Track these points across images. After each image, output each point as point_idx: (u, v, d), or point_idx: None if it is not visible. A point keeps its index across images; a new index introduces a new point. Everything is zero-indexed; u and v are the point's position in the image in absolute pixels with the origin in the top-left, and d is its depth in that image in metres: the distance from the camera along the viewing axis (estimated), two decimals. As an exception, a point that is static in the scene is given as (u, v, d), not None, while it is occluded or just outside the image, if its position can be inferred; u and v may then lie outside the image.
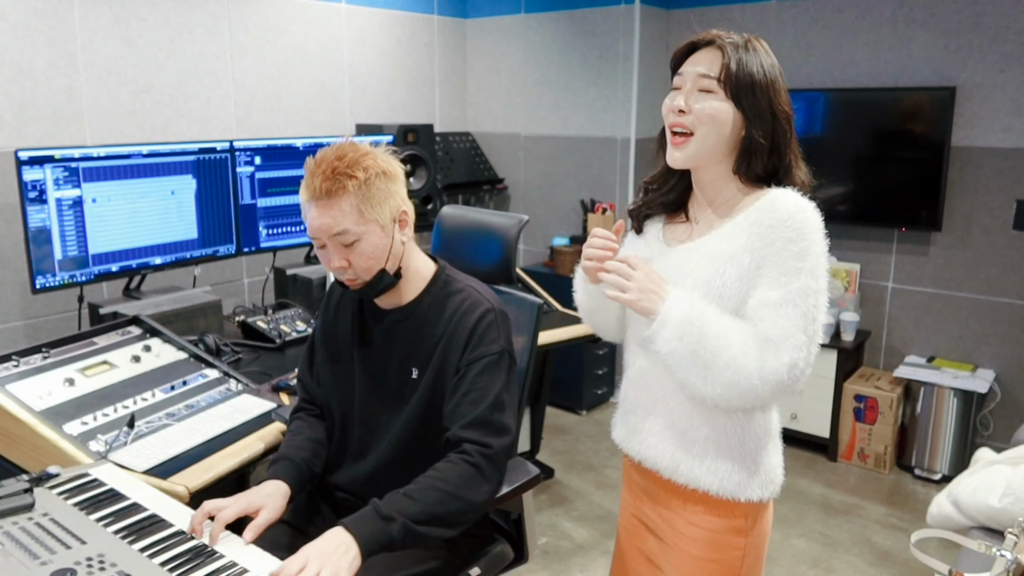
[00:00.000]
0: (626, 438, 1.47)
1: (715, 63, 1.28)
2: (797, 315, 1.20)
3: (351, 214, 1.44)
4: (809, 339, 1.21)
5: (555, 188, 4.37)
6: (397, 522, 1.32)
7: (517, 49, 4.38)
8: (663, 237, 1.41)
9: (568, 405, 4.12)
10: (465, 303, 1.53)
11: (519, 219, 1.92)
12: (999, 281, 3.38)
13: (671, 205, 1.43)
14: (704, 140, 1.29)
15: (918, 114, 3.39)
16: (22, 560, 1.18)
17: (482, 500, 1.43)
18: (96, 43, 2.90)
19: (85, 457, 1.63)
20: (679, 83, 1.32)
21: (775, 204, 1.25)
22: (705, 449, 1.33)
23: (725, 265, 1.26)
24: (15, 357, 1.87)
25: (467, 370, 1.48)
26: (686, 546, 1.38)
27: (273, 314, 2.69)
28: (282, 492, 1.46)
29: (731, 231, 1.29)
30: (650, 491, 1.44)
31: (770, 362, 1.20)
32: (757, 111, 1.27)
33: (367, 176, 1.44)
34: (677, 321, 1.23)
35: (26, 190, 2.27)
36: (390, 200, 1.48)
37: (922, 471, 3.43)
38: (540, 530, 2.97)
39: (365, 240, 1.46)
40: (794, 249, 1.22)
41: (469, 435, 1.44)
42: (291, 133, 3.60)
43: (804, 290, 1.21)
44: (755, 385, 1.20)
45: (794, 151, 1.33)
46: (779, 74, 1.31)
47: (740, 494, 1.32)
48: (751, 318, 1.24)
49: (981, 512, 2.01)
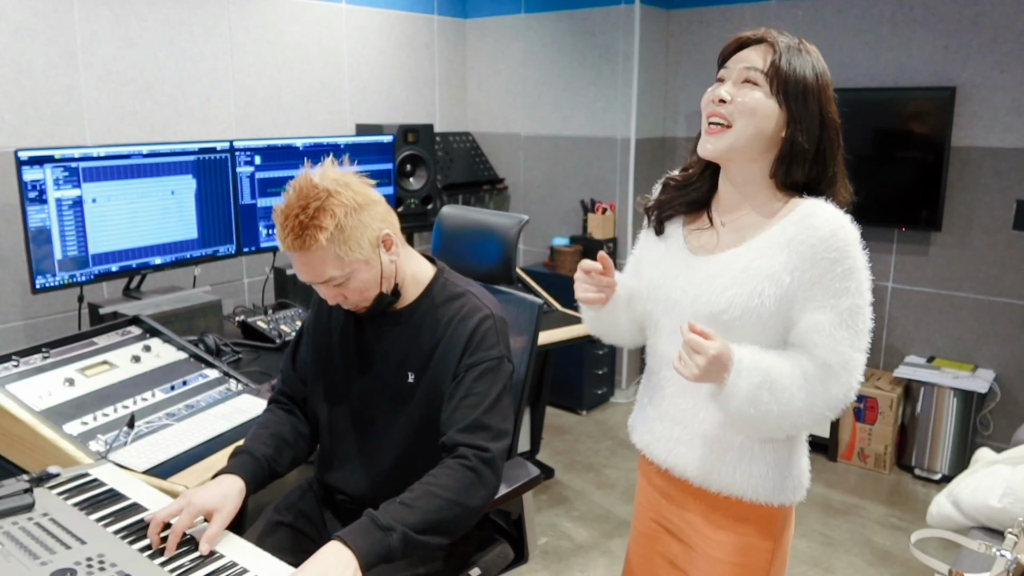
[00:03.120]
0: (650, 444, 1.42)
1: (764, 58, 1.24)
2: (851, 336, 1.20)
3: (332, 262, 1.41)
4: (863, 354, 1.22)
5: (555, 188, 4.37)
6: (396, 532, 1.28)
7: (517, 49, 4.38)
8: (686, 243, 1.35)
9: (568, 405, 4.12)
10: (464, 308, 1.52)
11: (519, 219, 1.92)
12: (999, 281, 3.38)
13: (694, 205, 1.37)
14: (741, 133, 1.23)
15: (918, 114, 3.39)
16: (22, 560, 1.18)
17: (479, 505, 1.40)
18: (96, 43, 2.90)
19: (85, 457, 1.62)
20: (724, 75, 1.27)
21: (814, 222, 1.21)
22: (740, 456, 1.30)
23: (763, 284, 1.22)
24: (15, 357, 1.87)
25: (465, 375, 1.47)
26: (713, 550, 1.36)
27: (273, 314, 2.69)
28: (237, 490, 1.39)
29: (768, 246, 1.23)
30: (673, 496, 1.42)
31: (834, 391, 1.20)
32: (805, 114, 1.23)
33: (336, 222, 1.38)
34: (746, 391, 1.17)
35: (26, 190, 2.27)
36: (367, 233, 1.43)
37: (922, 471, 3.43)
38: (540, 530, 2.97)
39: (354, 278, 1.44)
40: (839, 270, 1.19)
41: (466, 439, 1.42)
42: (291, 133, 3.60)
43: (853, 309, 1.20)
44: (826, 416, 1.21)
45: (839, 164, 1.28)
46: (830, 82, 1.26)
47: (773, 499, 1.31)
48: (804, 343, 1.21)
49: (981, 512, 2.01)
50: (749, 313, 1.22)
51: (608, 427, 3.94)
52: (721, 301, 1.24)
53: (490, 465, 1.41)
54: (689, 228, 1.37)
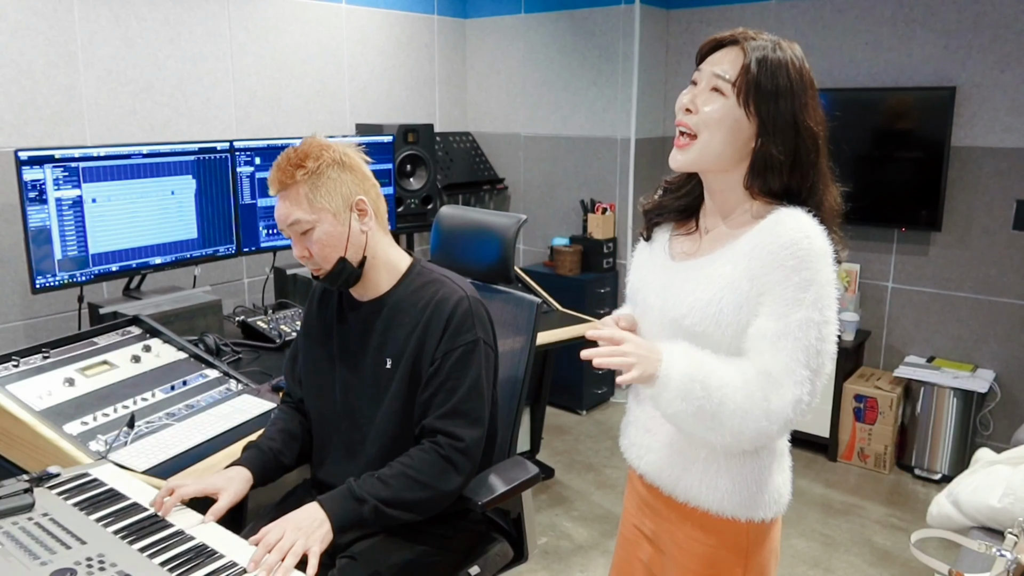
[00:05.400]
0: (627, 449, 1.43)
1: (734, 64, 1.18)
2: (797, 349, 1.13)
3: (302, 203, 1.50)
4: (813, 373, 1.14)
5: (555, 188, 4.37)
6: (369, 504, 1.41)
7: (517, 49, 4.38)
8: (669, 249, 1.34)
9: (568, 405, 4.12)
10: (439, 293, 1.55)
11: (517, 218, 1.92)
12: (999, 281, 3.38)
13: (685, 212, 1.35)
14: (707, 146, 1.20)
15: (918, 114, 3.39)
16: (22, 560, 1.18)
17: (453, 489, 1.49)
18: (96, 43, 2.90)
19: (85, 457, 1.63)
20: (696, 78, 1.23)
21: (779, 229, 1.16)
22: (705, 468, 1.28)
23: (723, 291, 1.19)
24: (15, 357, 1.87)
25: (442, 360, 1.51)
26: (685, 560, 1.35)
27: (273, 314, 2.69)
28: (243, 477, 1.51)
29: (734, 254, 1.21)
30: (651, 504, 1.42)
31: (774, 401, 1.14)
32: (777, 122, 1.17)
33: (317, 165, 1.49)
34: (678, 382, 1.14)
35: (26, 190, 2.27)
36: (342, 188, 1.51)
37: (922, 471, 3.43)
38: (540, 530, 2.97)
39: (318, 228, 1.50)
40: (796, 279, 1.14)
41: (442, 426, 1.49)
42: (291, 133, 3.59)
43: (805, 323, 1.14)
44: (763, 427, 1.14)
45: (822, 171, 1.23)
46: (810, 85, 1.20)
47: (740, 514, 1.27)
48: (750, 350, 1.18)
49: (981, 512, 2.01)
50: (708, 319, 1.20)
51: (608, 427, 3.94)
52: (683, 307, 1.23)
53: (464, 454, 1.49)
54: (675, 234, 1.36)
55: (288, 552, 1.27)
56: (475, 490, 1.56)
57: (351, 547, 1.49)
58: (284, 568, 1.24)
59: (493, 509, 1.76)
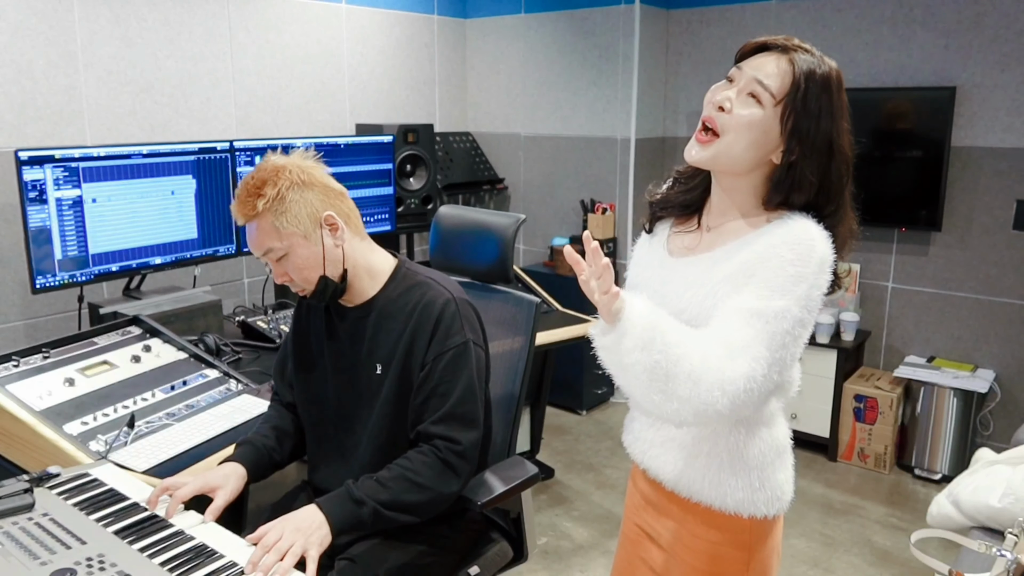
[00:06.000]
0: (631, 445, 1.43)
1: (783, 76, 1.15)
2: (766, 332, 1.11)
3: (270, 232, 1.48)
4: (771, 357, 1.11)
5: (555, 188, 4.37)
6: (368, 506, 1.41)
7: (517, 49, 4.38)
8: (667, 245, 1.34)
9: (568, 405, 4.12)
10: (426, 296, 1.54)
11: (516, 218, 1.92)
12: (999, 281, 3.38)
13: (688, 207, 1.34)
14: (729, 148, 1.18)
15: (918, 114, 3.39)
16: (22, 560, 1.18)
17: (452, 491, 1.49)
18: (96, 43, 2.90)
19: (85, 457, 1.63)
20: (734, 76, 1.20)
21: (783, 228, 1.16)
22: (708, 464, 1.28)
23: (720, 285, 1.18)
24: (15, 357, 1.87)
25: (433, 364, 1.50)
26: (689, 558, 1.35)
27: (273, 314, 2.69)
28: (239, 474, 1.51)
29: (736, 253, 1.20)
30: (654, 501, 1.41)
31: (728, 371, 1.09)
32: (815, 143, 1.15)
33: (277, 191, 1.46)
34: (641, 329, 1.09)
35: (26, 190, 2.28)
36: (307, 209, 1.48)
37: (922, 471, 3.43)
38: (540, 530, 2.97)
39: (293, 253, 1.50)
40: (791, 271, 1.12)
41: (439, 431, 1.48)
42: (291, 133, 3.60)
43: (783, 312, 1.11)
44: (714, 397, 1.09)
45: (847, 198, 1.21)
46: (846, 107, 1.19)
47: (743, 510, 1.27)
48: (718, 318, 1.15)
49: (981, 512, 2.01)
50: (704, 314, 1.19)
51: (608, 427, 3.94)
52: (680, 302, 1.23)
53: (462, 456, 1.49)
54: (675, 230, 1.35)
55: (286, 553, 1.28)
56: (474, 490, 1.56)
57: (349, 548, 1.49)
58: (282, 569, 1.24)
59: (493, 509, 1.76)
